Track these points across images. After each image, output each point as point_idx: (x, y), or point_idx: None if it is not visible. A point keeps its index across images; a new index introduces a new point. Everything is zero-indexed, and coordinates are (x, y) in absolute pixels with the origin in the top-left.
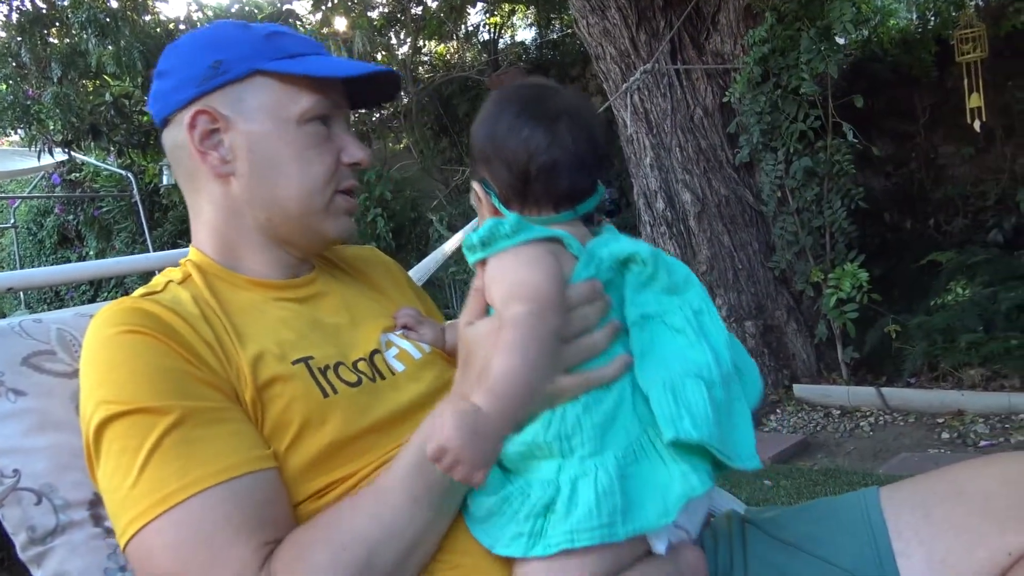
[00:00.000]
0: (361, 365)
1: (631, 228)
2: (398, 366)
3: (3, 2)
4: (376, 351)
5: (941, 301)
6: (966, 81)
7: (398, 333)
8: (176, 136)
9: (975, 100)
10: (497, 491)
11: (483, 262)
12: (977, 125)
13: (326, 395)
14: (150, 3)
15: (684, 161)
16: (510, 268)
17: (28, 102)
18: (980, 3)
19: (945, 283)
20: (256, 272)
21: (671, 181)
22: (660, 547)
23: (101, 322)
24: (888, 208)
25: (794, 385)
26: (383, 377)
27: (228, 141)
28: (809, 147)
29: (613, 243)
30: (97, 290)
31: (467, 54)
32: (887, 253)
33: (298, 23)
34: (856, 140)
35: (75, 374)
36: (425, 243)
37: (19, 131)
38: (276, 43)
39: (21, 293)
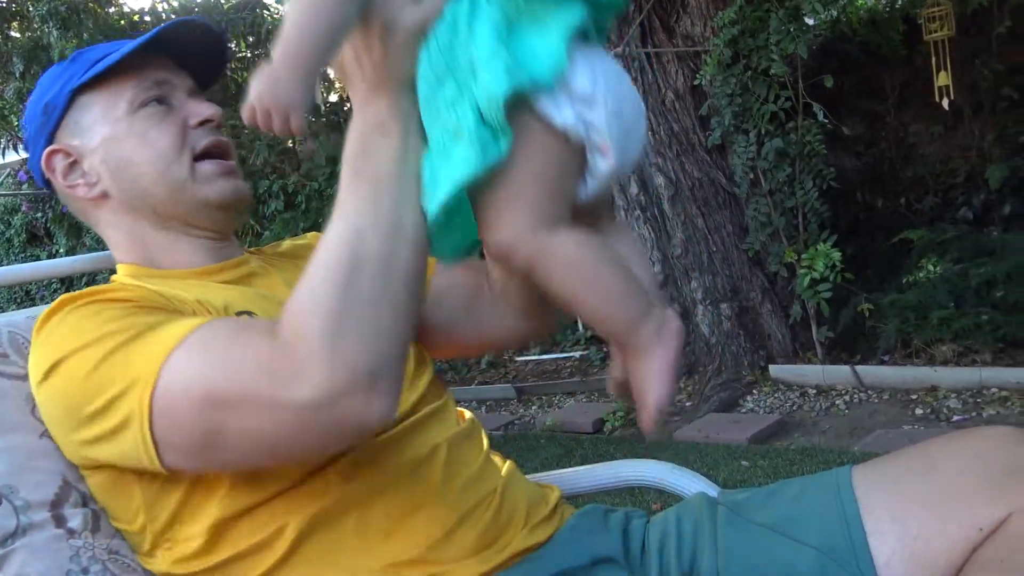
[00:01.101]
0: None
1: None
2: None
3: None
4: None
5: (913, 279)
6: (934, 59)
7: None
8: (55, 186)
9: (943, 78)
10: (439, 144)
11: None
12: (945, 103)
13: None
14: None
15: (657, 145)
16: None
17: None
18: None
19: (916, 261)
20: (184, 263)
21: (644, 165)
22: (558, 114)
23: (48, 311)
24: (859, 187)
25: (770, 366)
26: None
27: (86, 166)
28: (780, 128)
29: None
30: (69, 288)
31: None
32: (859, 233)
33: (267, 12)
34: (827, 120)
35: (27, 376)
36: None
37: None
38: (81, 59)
39: None
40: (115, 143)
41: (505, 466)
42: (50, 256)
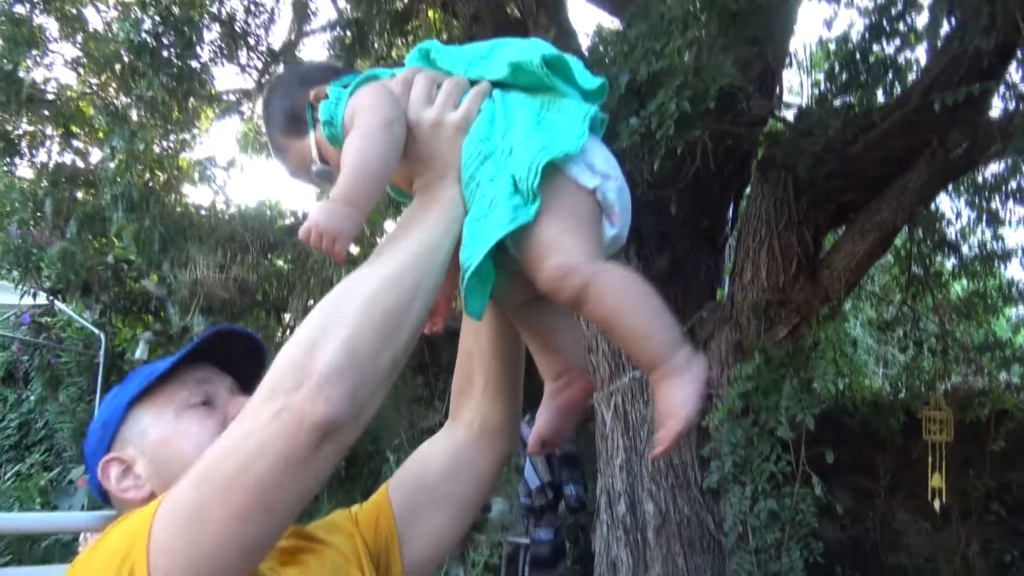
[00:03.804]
0: None
1: (587, 528)
2: None
3: (43, 148)
4: None
5: None
6: (930, 459)
7: None
8: (110, 494)
9: (936, 480)
10: (479, 213)
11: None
12: (937, 505)
13: None
14: (178, 185)
15: (653, 472)
16: (350, 107)
17: (34, 249)
18: (948, 388)
19: None
20: None
21: (637, 488)
22: (587, 179)
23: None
24: (841, 561)
25: None
26: None
27: (138, 470)
28: (777, 490)
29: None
30: (24, 453)
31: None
32: None
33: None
34: (823, 495)
35: None
36: (376, 479)
37: (14, 273)
38: (134, 377)
39: None
40: (163, 444)
41: None
42: (17, 400)
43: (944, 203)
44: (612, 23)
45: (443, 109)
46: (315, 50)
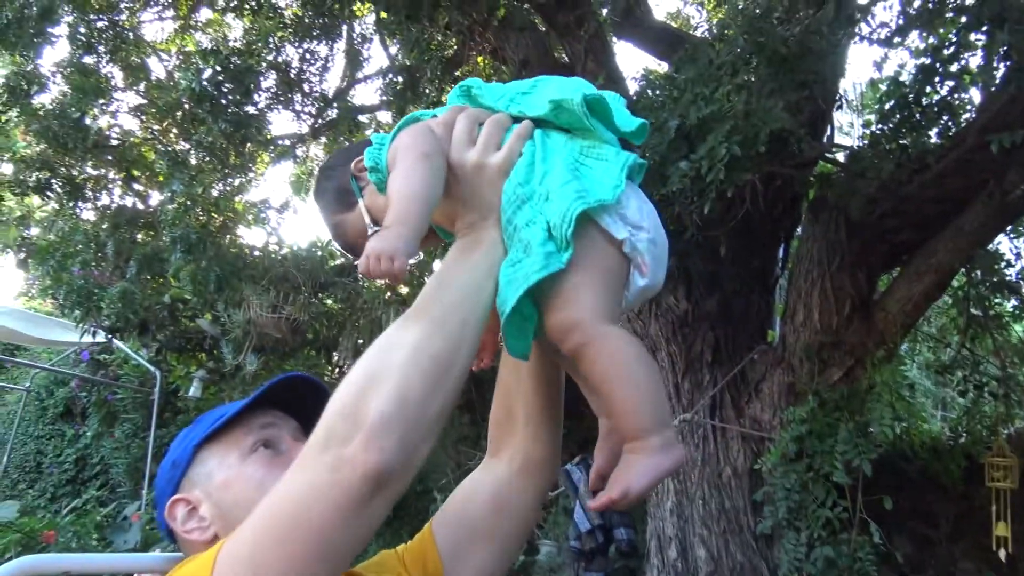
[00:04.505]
0: None
1: (636, 572)
2: None
3: (106, 192)
4: None
5: None
6: (994, 507)
7: None
8: (175, 534)
9: (1002, 529)
10: (514, 257)
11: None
12: (1003, 554)
13: None
14: (234, 227)
15: (705, 516)
16: (392, 149)
17: (95, 289)
18: (1012, 433)
19: None
20: None
21: (688, 533)
22: (618, 230)
23: None
24: None
25: None
26: None
27: (203, 511)
28: (833, 536)
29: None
30: (80, 487)
31: None
32: None
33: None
34: (881, 542)
35: None
36: (423, 519)
37: (76, 312)
38: (203, 420)
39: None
40: (227, 488)
41: None
42: (75, 435)
43: (1003, 244)
44: (660, 67)
45: (485, 150)
46: (367, 96)
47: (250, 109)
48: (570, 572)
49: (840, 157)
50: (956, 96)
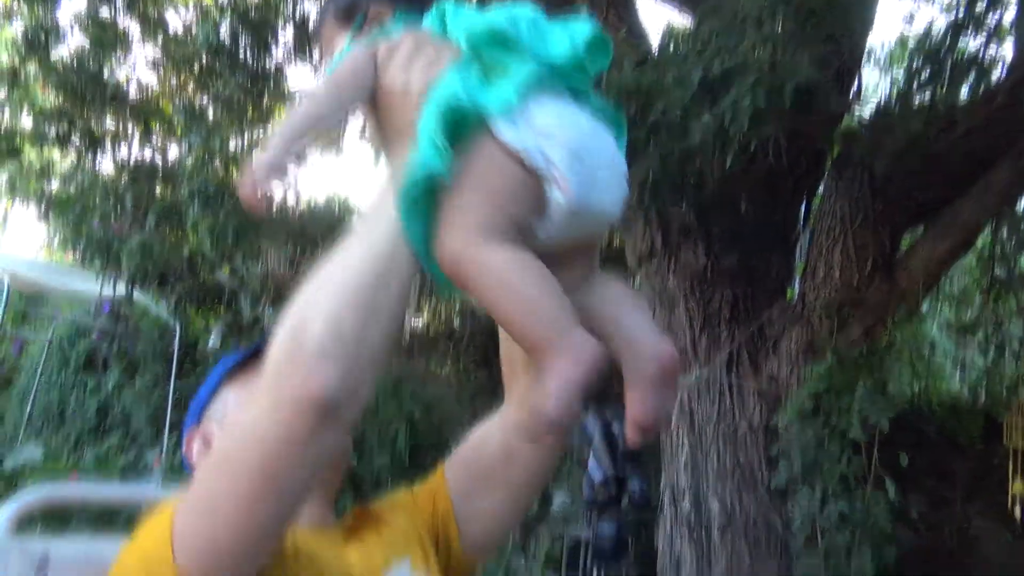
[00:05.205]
0: None
1: (649, 524)
2: None
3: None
4: None
5: None
6: (1011, 465)
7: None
8: (192, 466)
9: (1018, 487)
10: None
11: None
12: (1017, 513)
13: None
14: None
15: (719, 470)
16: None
17: (114, 241)
18: None
19: None
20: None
21: (702, 486)
22: (517, 140)
23: None
24: (913, 568)
25: None
26: None
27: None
28: (848, 492)
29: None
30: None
31: None
32: None
33: None
34: (896, 498)
35: None
36: None
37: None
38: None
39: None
40: None
41: None
42: (97, 385)
43: None
44: (682, 21)
45: (416, 77)
46: None
47: (267, 63)
48: (583, 522)
49: (866, 113)
50: (987, 53)
